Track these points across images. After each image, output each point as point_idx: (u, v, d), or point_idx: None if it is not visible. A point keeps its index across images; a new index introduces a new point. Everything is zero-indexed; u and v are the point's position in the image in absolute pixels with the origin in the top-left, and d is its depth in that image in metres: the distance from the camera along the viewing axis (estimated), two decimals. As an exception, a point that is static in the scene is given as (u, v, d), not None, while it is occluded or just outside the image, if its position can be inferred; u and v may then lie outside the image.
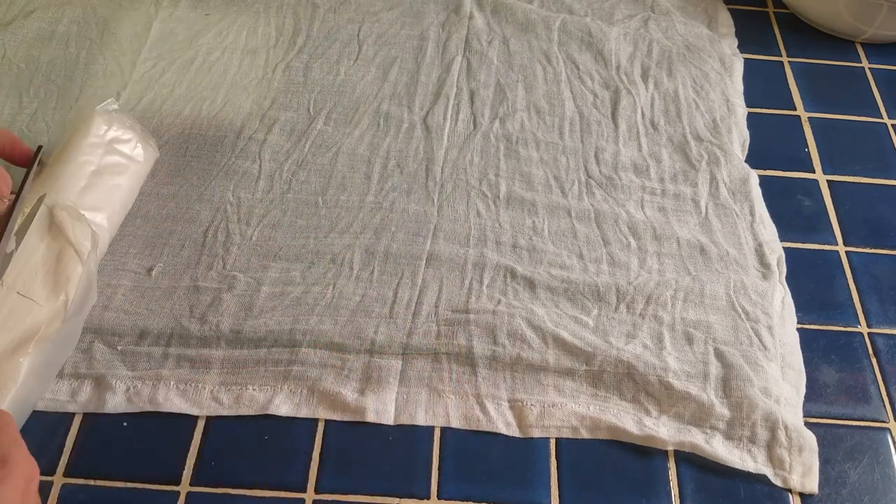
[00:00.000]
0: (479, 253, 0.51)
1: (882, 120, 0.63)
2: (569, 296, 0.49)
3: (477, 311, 0.47)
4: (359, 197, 0.54)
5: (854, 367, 0.48)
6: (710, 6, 0.71)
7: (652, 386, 0.45)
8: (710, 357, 0.46)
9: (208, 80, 0.61)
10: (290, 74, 0.62)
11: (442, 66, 0.63)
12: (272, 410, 0.44)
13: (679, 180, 0.56)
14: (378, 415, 0.44)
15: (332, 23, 0.67)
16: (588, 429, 0.44)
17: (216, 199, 0.53)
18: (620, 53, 0.65)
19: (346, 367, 0.45)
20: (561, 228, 0.52)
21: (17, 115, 0.58)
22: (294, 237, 0.51)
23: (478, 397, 0.45)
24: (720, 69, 0.65)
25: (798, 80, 0.66)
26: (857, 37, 0.69)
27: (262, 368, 0.45)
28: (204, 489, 0.41)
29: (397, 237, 0.51)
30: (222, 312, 0.47)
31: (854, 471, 0.43)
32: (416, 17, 0.68)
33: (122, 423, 0.43)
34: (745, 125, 0.61)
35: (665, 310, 0.48)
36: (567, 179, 0.55)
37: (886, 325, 0.50)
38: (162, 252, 0.50)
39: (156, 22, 0.66)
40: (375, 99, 0.60)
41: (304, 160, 0.56)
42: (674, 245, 0.52)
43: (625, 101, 0.61)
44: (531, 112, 0.60)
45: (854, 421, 0.45)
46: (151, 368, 0.45)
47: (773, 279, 0.50)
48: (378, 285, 0.49)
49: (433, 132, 0.58)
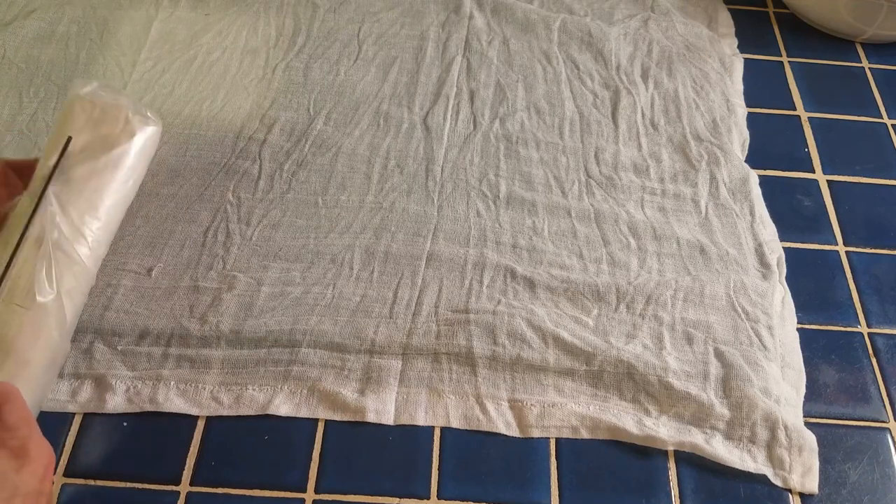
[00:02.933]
0: (479, 253, 0.51)
1: (882, 120, 0.63)
2: (569, 296, 0.49)
3: (477, 312, 0.47)
4: (359, 197, 0.54)
5: (854, 367, 0.48)
6: (710, 6, 0.71)
7: (652, 386, 0.45)
8: (710, 357, 0.46)
9: (208, 80, 0.61)
10: (290, 74, 0.62)
11: (442, 66, 0.63)
12: (272, 410, 0.44)
13: (679, 180, 0.56)
14: (378, 415, 0.44)
15: (332, 23, 0.67)
16: (588, 429, 0.44)
17: (216, 199, 0.53)
18: (620, 53, 0.65)
19: (346, 368, 0.45)
20: (561, 228, 0.52)
21: (17, 115, 0.58)
22: (294, 237, 0.51)
23: (478, 397, 0.45)
24: (720, 69, 0.65)
25: (798, 80, 0.66)
26: (857, 37, 0.69)
27: (262, 368, 0.45)
28: (204, 489, 0.41)
29: (397, 237, 0.51)
30: (222, 312, 0.47)
31: (854, 471, 0.43)
32: (416, 17, 0.68)
33: (122, 423, 0.43)
34: (745, 125, 0.61)
35: (665, 310, 0.48)
36: (567, 179, 0.55)
37: (886, 325, 0.50)
38: (162, 252, 0.50)
39: (156, 22, 0.66)
40: (375, 99, 0.60)
41: (304, 160, 0.56)
42: (674, 245, 0.52)
43: (625, 101, 0.61)
44: (531, 112, 0.60)
45: (854, 421, 0.45)
46: (151, 368, 0.45)
47: (773, 279, 0.50)
48: (378, 285, 0.49)
49: (433, 132, 0.58)
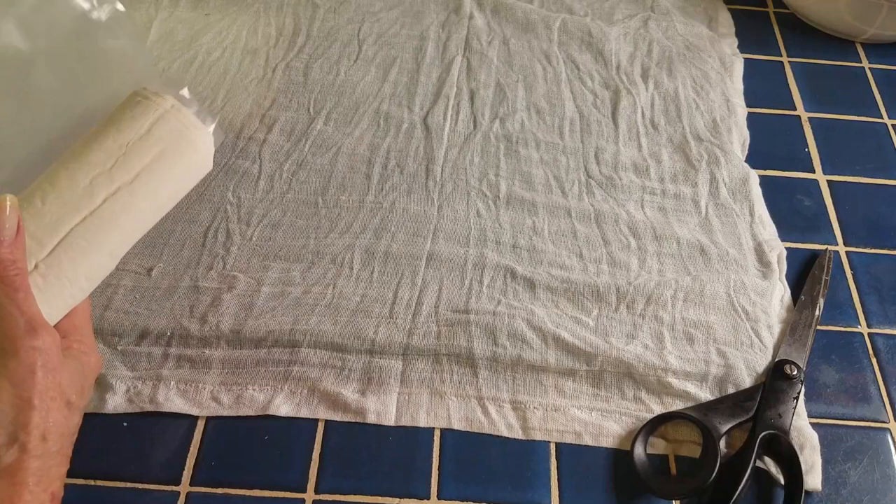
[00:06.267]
0: (479, 253, 0.51)
1: (882, 120, 0.63)
2: (569, 296, 0.49)
3: (477, 312, 0.47)
4: (359, 197, 0.54)
5: (854, 367, 0.48)
6: (710, 6, 0.71)
7: (652, 386, 0.45)
8: (710, 356, 0.46)
9: (208, 80, 0.61)
10: (290, 74, 0.62)
11: (442, 66, 0.63)
12: (272, 411, 0.44)
13: (679, 180, 0.56)
14: (379, 416, 0.44)
15: (332, 23, 0.67)
16: (592, 435, 0.44)
17: (216, 199, 0.53)
18: (620, 53, 0.65)
19: (346, 368, 0.45)
20: (561, 228, 0.52)
21: (17, 115, 0.58)
22: (294, 237, 0.51)
23: (479, 399, 0.45)
24: (720, 69, 0.65)
25: (798, 80, 0.66)
26: (858, 37, 0.69)
27: (263, 369, 0.45)
28: (204, 489, 0.41)
29: (397, 237, 0.51)
30: (222, 312, 0.47)
31: (854, 471, 0.43)
32: (416, 17, 0.68)
33: (122, 423, 0.43)
34: (745, 125, 0.61)
35: (665, 310, 0.48)
36: (567, 179, 0.55)
37: (886, 325, 0.50)
38: (162, 252, 0.50)
39: (156, 22, 0.66)
40: (375, 99, 0.60)
41: (304, 160, 0.56)
42: (674, 245, 0.52)
43: (625, 101, 0.61)
44: (531, 112, 0.60)
45: (854, 421, 0.45)
46: (151, 368, 0.45)
47: (774, 277, 0.50)
48: (378, 285, 0.49)
49: (433, 132, 0.58)
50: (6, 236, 0.33)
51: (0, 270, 0.32)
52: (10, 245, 0.33)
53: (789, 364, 0.45)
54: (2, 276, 0.32)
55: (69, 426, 0.34)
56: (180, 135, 0.40)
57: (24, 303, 0.33)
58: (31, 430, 0.31)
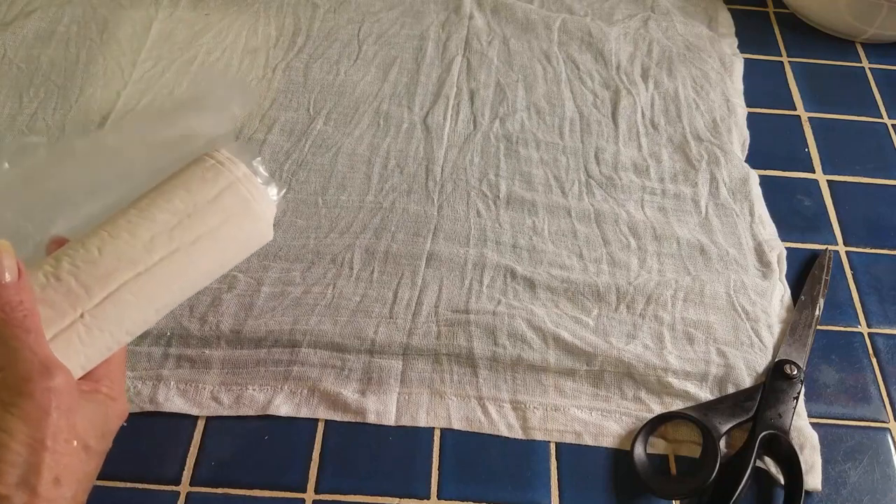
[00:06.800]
0: (479, 253, 0.51)
1: (882, 120, 0.63)
2: (569, 296, 0.49)
3: (477, 312, 0.47)
4: (359, 197, 0.54)
5: (854, 367, 0.48)
6: (710, 6, 0.71)
7: (652, 385, 0.45)
8: (710, 356, 0.46)
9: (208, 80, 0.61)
10: (290, 74, 0.62)
11: (442, 66, 0.63)
12: (272, 411, 0.44)
13: (679, 180, 0.56)
14: (379, 416, 0.44)
15: (332, 23, 0.67)
16: (592, 435, 0.44)
17: (216, 199, 0.53)
18: (620, 53, 0.65)
19: (346, 368, 0.45)
20: (561, 228, 0.52)
21: (17, 115, 0.58)
22: (294, 237, 0.51)
23: (479, 399, 0.45)
24: (720, 69, 0.65)
25: (798, 80, 0.66)
26: (858, 37, 0.69)
27: (263, 368, 0.45)
28: (204, 489, 0.41)
29: (397, 237, 0.51)
30: (222, 312, 0.47)
31: (854, 471, 0.43)
32: (416, 17, 0.68)
33: (122, 423, 0.43)
34: (745, 125, 0.61)
35: (665, 310, 0.48)
36: (567, 179, 0.55)
37: (886, 325, 0.50)
38: (162, 252, 0.50)
39: (156, 22, 0.66)
40: (375, 99, 0.60)
41: (303, 160, 0.56)
42: (674, 245, 0.52)
43: (625, 101, 0.61)
44: (531, 112, 0.60)
45: (854, 421, 0.45)
46: (151, 368, 0.45)
47: (774, 277, 0.50)
48: (378, 285, 0.49)
49: (433, 132, 0.58)
50: (7, 279, 0.32)
51: (7, 313, 0.32)
52: (15, 287, 0.32)
53: (789, 364, 0.45)
54: (11, 319, 0.32)
55: (86, 471, 0.33)
56: (247, 205, 0.39)
57: (36, 344, 0.32)
58: (42, 471, 0.30)
